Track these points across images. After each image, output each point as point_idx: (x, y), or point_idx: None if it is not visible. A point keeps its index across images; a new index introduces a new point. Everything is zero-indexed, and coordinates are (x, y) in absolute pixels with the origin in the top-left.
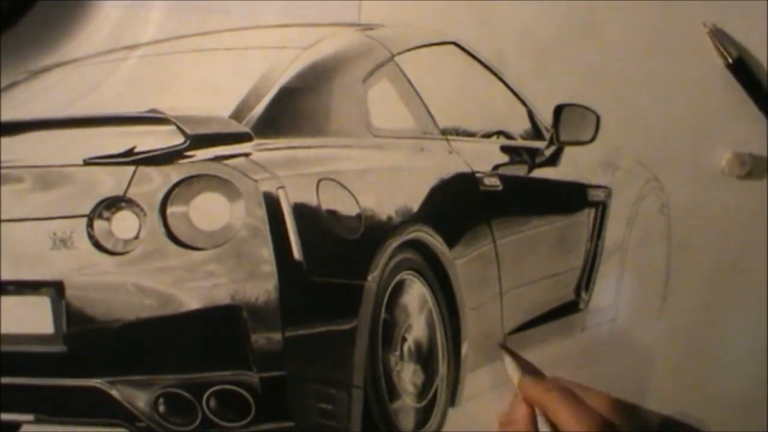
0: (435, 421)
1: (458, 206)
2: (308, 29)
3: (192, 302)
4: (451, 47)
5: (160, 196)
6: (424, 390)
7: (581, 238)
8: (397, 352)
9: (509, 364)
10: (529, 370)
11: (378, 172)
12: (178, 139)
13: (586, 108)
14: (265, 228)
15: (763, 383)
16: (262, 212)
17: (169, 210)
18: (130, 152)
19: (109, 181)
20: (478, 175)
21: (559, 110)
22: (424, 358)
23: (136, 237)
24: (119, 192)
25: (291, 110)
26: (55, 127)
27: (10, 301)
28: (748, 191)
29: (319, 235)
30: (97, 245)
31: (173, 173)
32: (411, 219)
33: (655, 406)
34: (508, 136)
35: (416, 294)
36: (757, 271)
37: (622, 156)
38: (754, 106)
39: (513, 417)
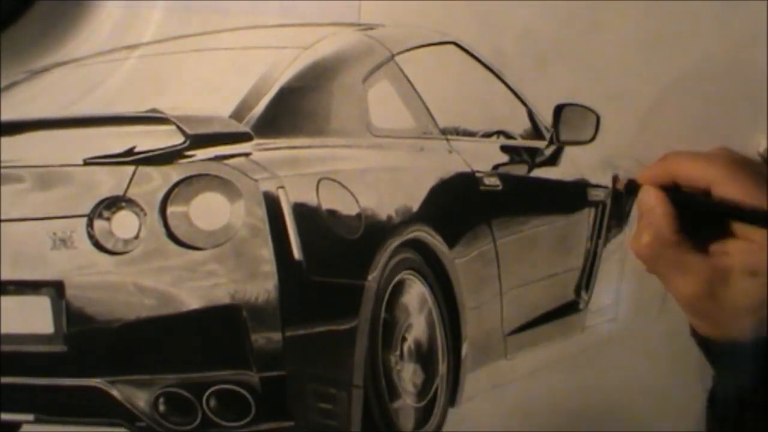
0: (435, 421)
1: (458, 206)
2: (308, 29)
3: (192, 302)
4: (451, 47)
5: (160, 195)
6: (424, 390)
7: (581, 238)
8: (397, 352)
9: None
10: None
11: (378, 172)
12: (178, 139)
13: (586, 108)
14: (265, 228)
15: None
16: (262, 212)
17: (169, 210)
18: (130, 152)
19: (109, 181)
20: (478, 174)
21: (559, 110)
22: (424, 357)
23: (136, 237)
24: (119, 192)
25: (291, 110)
26: (55, 127)
27: (10, 301)
28: None
29: (319, 235)
30: (97, 245)
31: (173, 173)
32: (411, 219)
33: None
34: (508, 136)
35: (416, 294)
36: None
37: (622, 156)
38: (755, 107)
39: (645, 206)
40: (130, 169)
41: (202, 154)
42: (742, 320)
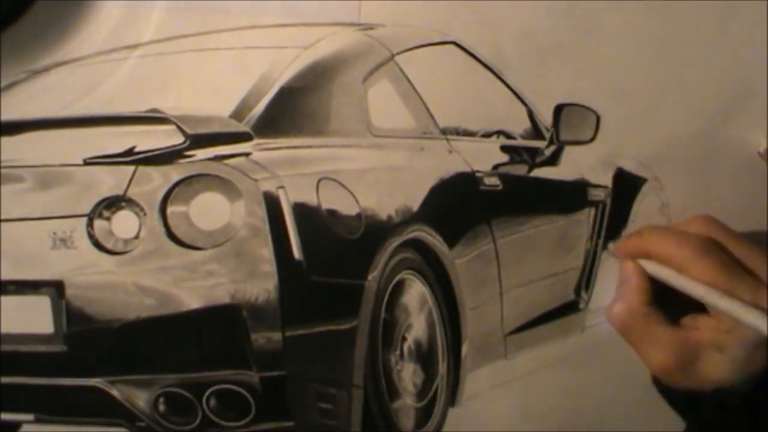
0: (435, 421)
1: (458, 206)
2: (308, 29)
3: (192, 302)
4: (451, 47)
5: (160, 195)
6: (424, 390)
7: (581, 237)
8: (398, 352)
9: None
10: None
11: (378, 172)
12: (178, 139)
13: (586, 108)
14: (265, 228)
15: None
16: (262, 212)
17: (169, 209)
18: (130, 152)
19: (109, 181)
20: (478, 174)
21: (559, 110)
22: (424, 357)
23: (136, 237)
24: (119, 192)
25: (291, 110)
26: (55, 127)
27: (10, 301)
28: (746, 191)
29: (319, 235)
30: (97, 245)
31: (173, 173)
32: (411, 218)
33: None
34: (508, 136)
35: (416, 293)
36: None
37: (622, 156)
38: (755, 106)
39: (622, 277)
40: (130, 168)
41: (202, 154)
42: (709, 388)
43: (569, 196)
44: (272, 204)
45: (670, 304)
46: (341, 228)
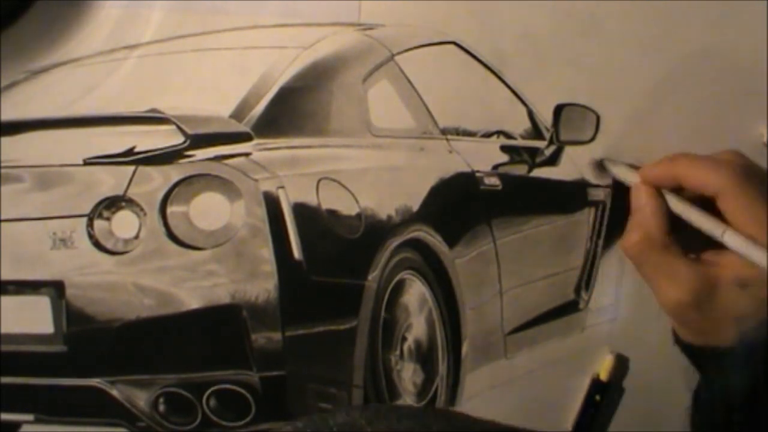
0: None
1: (458, 206)
2: (308, 29)
3: (192, 302)
4: (451, 47)
5: (160, 195)
6: (424, 390)
7: (581, 237)
8: (397, 352)
9: (619, 169)
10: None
11: (378, 172)
12: (178, 139)
13: (586, 108)
14: (265, 228)
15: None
16: (262, 212)
17: (169, 210)
18: (130, 152)
19: (109, 181)
20: (478, 174)
21: (559, 110)
22: (424, 357)
23: (136, 237)
24: (119, 192)
25: (291, 110)
26: (55, 127)
27: (10, 301)
28: None
29: (319, 235)
30: (97, 245)
31: (173, 173)
32: (411, 218)
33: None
34: (508, 136)
35: (416, 293)
36: None
37: (622, 156)
38: (755, 105)
39: (636, 204)
40: (130, 169)
41: (202, 154)
42: (726, 330)
43: (569, 196)
44: (272, 204)
45: (686, 235)
46: (341, 228)
